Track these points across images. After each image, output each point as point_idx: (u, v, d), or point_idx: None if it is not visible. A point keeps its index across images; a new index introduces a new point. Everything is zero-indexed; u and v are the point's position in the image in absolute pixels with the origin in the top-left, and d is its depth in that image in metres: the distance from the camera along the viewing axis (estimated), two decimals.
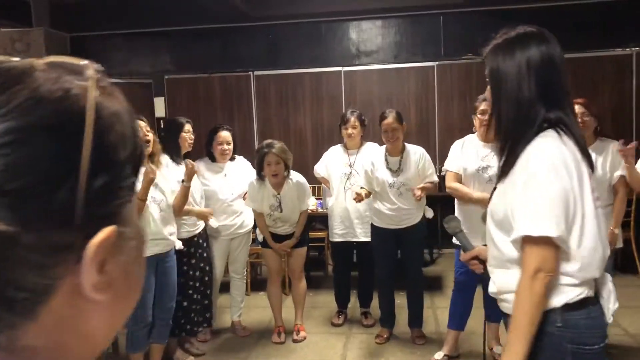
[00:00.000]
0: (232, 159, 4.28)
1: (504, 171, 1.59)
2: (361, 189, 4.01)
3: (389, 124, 3.91)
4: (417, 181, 3.92)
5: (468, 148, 3.59)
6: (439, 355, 3.77)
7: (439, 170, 4.80)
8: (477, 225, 3.55)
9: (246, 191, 4.26)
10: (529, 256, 1.49)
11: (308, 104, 6.50)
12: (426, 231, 4.20)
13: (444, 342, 3.84)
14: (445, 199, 5.17)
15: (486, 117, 3.46)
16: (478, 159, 3.54)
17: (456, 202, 3.71)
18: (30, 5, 6.23)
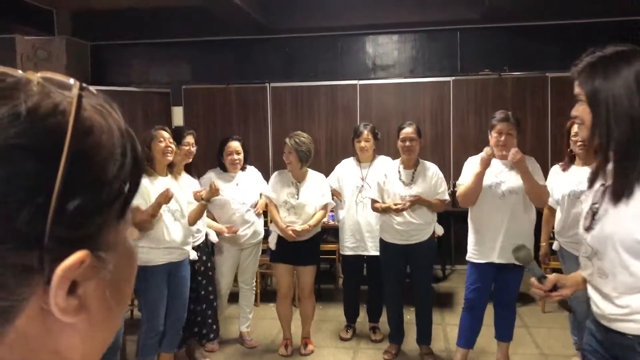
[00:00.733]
0: (243, 169, 4.29)
1: (622, 193, 1.55)
2: (375, 203, 3.99)
3: (407, 133, 3.91)
4: (428, 197, 3.89)
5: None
6: None
7: (453, 185, 4.77)
8: (490, 240, 3.53)
9: (258, 200, 4.28)
10: None
11: (323, 117, 6.51)
12: (436, 248, 4.17)
13: (452, 359, 3.79)
14: (457, 214, 5.15)
15: (503, 137, 3.43)
16: (492, 174, 3.51)
17: (470, 219, 3.68)
18: (53, 14, 6.36)
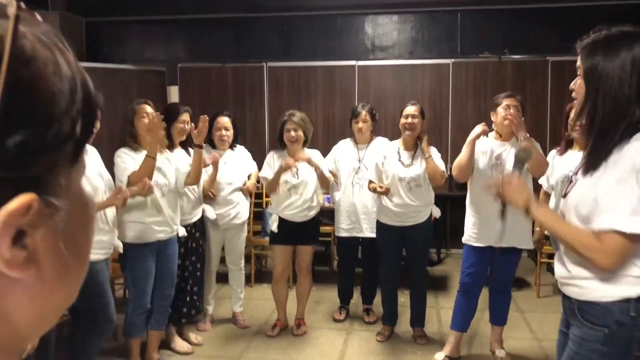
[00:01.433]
0: (232, 147, 4.24)
1: (591, 166, 1.62)
2: (371, 184, 3.96)
3: (411, 111, 3.89)
4: (427, 178, 3.85)
5: (482, 146, 3.52)
6: (440, 356, 3.70)
7: (450, 169, 4.72)
8: (490, 221, 3.48)
9: (245, 181, 4.23)
10: (616, 243, 1.53)
11: (320, 97, 6.44)
12: (433, 230, 4.14)
13: (445, 342, 3.78)
14: (454, 198, 5.11)
15: (511, 109, 3.38)
16: (492, 157, 3.48)
17: (468, 200, 3.65)
18: None
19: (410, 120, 3.86)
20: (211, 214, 3.99)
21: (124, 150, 3.30)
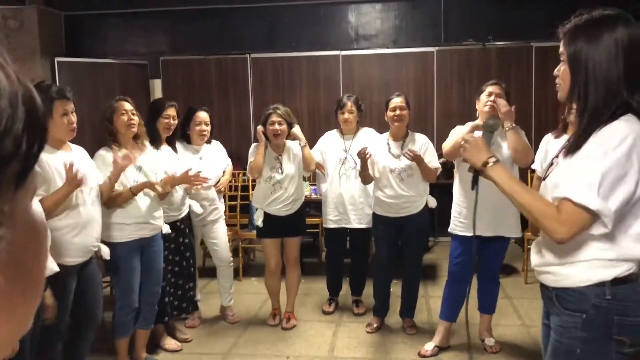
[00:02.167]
0: (209, 142, 4.19)
1: (573, 148, 1.61)
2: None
3: (397, 102, 3.88)
4: (418, 168, 3.83)
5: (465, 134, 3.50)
6: (430, 346, 3.71)
7: (438, 156, 4.71)
8: (477, 210, 3.45)
9: (220, 177, 4.19)
10: (572, 214, 1.54)
11: (305, 88, 6.39)
12: (429, 220, 4.12)
13: (435, 332, 3.78)
14: (444, 186, 5.09)
15: (492, 97, 3.38)
16: None
17: (455, 191, 3.63)
18: None
19: (398, 112, 3.85)
20: (198, 208, 3.95)
21: (100, 154, 3.22)
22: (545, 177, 1.75)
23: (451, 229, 3.63)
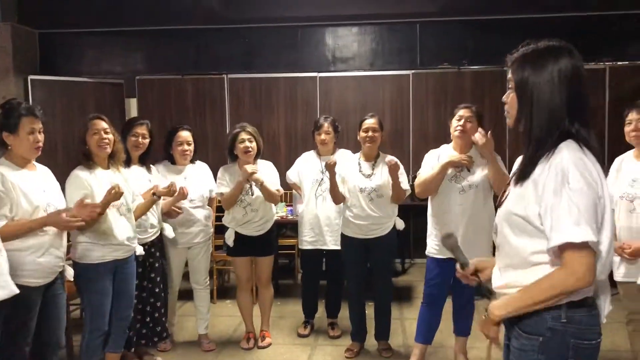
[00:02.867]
0: (193, 161, 4.15)
1: (522, 175, 1.65)
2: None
3: (370, 124, 3.88)
4: (389, 189, 3.84)
5: (441, 159, 3.53)
6: None
7: (412, 179, 4.74)
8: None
9: (207, 196, 4.16)
10: (576, 262, 1.53)
11: (282, 109, 6.40)
12: (397, 242, 4.12)
13: (410, 355, 3.76)
14: (417, 208, 5.12)
15: (462, 121, 3.43)
16: (452, 169, 3.49)
17: (429, 214, 3.64)
18: None
19: (370, 133, 3.87)
20: (169, 232, 3.86)
21: (75, 173, 3.16)
22: (500, 204, 1.76)
23: (428, 251, 3.64)
